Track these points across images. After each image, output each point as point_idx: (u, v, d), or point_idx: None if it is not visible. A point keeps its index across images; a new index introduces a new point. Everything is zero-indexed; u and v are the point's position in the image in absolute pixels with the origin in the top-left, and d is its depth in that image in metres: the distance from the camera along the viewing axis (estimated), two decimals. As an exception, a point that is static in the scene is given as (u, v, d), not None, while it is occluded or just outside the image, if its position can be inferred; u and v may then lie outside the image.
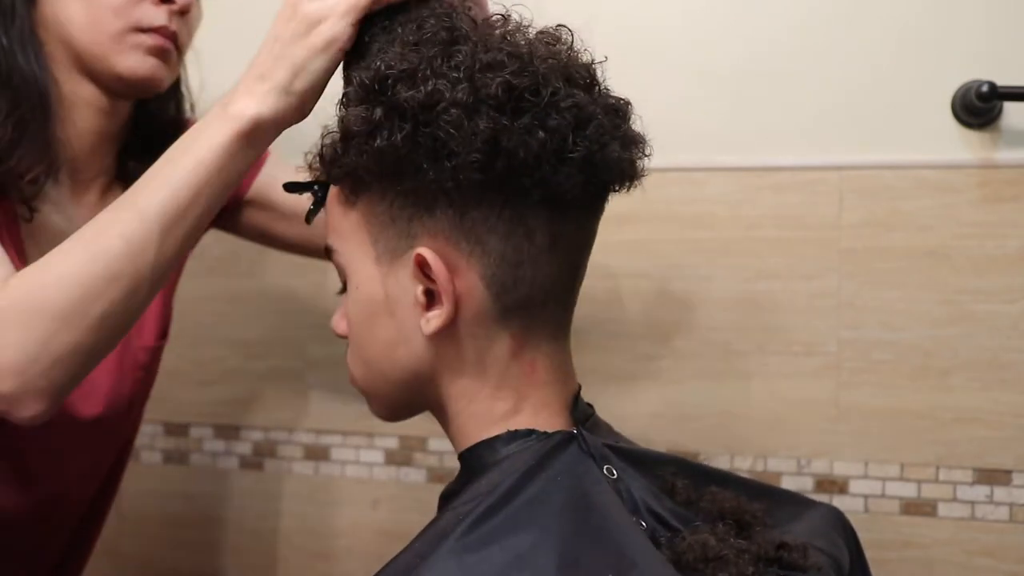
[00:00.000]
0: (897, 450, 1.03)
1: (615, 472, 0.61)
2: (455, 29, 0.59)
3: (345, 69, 0.66)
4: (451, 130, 0.56)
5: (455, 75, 0.57)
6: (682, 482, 0.65)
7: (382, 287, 0.62)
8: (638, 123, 0.64)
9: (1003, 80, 0.96)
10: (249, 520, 1.24)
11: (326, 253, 0.66)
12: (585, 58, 0.63)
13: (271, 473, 1.23)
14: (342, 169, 0.61)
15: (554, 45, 0.61)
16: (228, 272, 1.23)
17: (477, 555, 0.53)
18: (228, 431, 1.24)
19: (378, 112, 0.57)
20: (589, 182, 0.60)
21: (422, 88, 0.56)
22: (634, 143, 0.63)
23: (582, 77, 0.61)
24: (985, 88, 0.96)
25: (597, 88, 0.62)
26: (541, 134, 0.56)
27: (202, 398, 1.24)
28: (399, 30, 0.62)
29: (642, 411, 1.09)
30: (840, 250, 1.04)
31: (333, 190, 0.64)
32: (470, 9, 0.63)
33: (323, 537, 1.21)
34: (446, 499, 0.65)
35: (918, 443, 1.03)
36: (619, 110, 0.62)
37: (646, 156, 0.64)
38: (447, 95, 0.56)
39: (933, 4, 1.01)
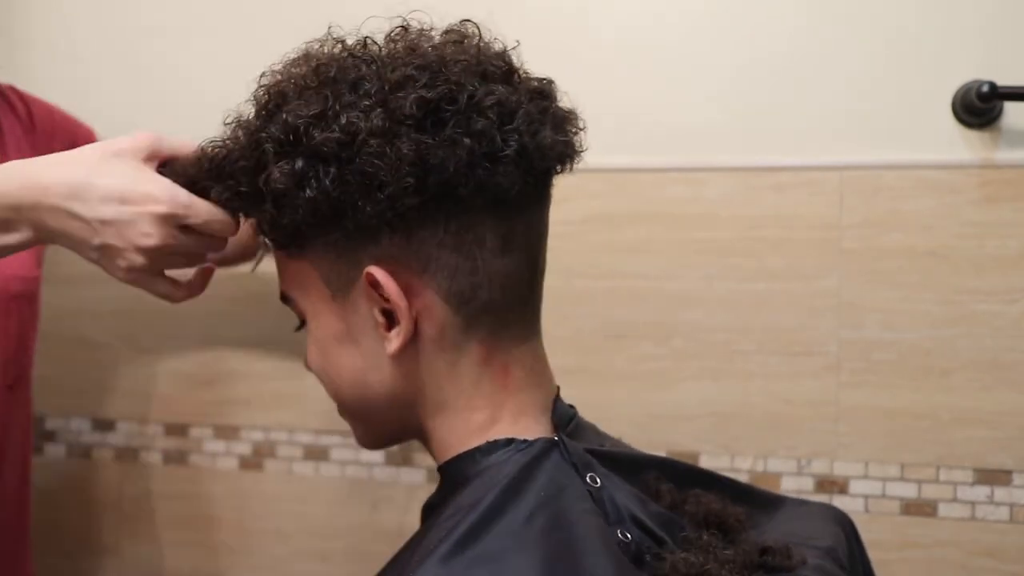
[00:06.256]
0: (897, 450, 1.03)
1: (598, 480, 0.60)
2: (355, 58, 0.58)
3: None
4: (375, 161, 0.54)
5: (366, 103, 0.55)
6: (666, 486, 0.64)
7: (342, 320, 0.61)
8: (565, 99, 0.62)
9: (1003, 80, 0.96)
10: (249, 520, 1.24)
11: (282, 300, 0.65)
12: (497, 47, 0.61)
13: (271, 473, 1.22)
14: (284, 231, 0.59)
15: (461, 43, 0.60)
16: (228, 272, 1.23)
17: None
18: (228, 431, 1.24)
19: (299, 163, 0.55)
20: (528, 173, 0.58)
21: (335, 126, 0.55)
22: (565, 121, 0.61)
23: (498, 68, 0.59)
24: (985, 88, 0.96)
25: (516, 75, 0.60)
26: (467, 141, 0.55)
27: (202, 398, 1.24)
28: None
29: (642, 411, 1.09)
30: (840, 250, 1.04)
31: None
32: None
33: (323, 537, 1.21)
34: (428, 511, 0.64)
35: (918, 443, 1.03)
36: (543, 91, 0.61)
37: (580, 130, 0.62)
38: (363, 125, 0.54)
39: (933, 4, 1.01)
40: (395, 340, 0.59)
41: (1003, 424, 1.01)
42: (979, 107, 0.99)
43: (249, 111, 0.61)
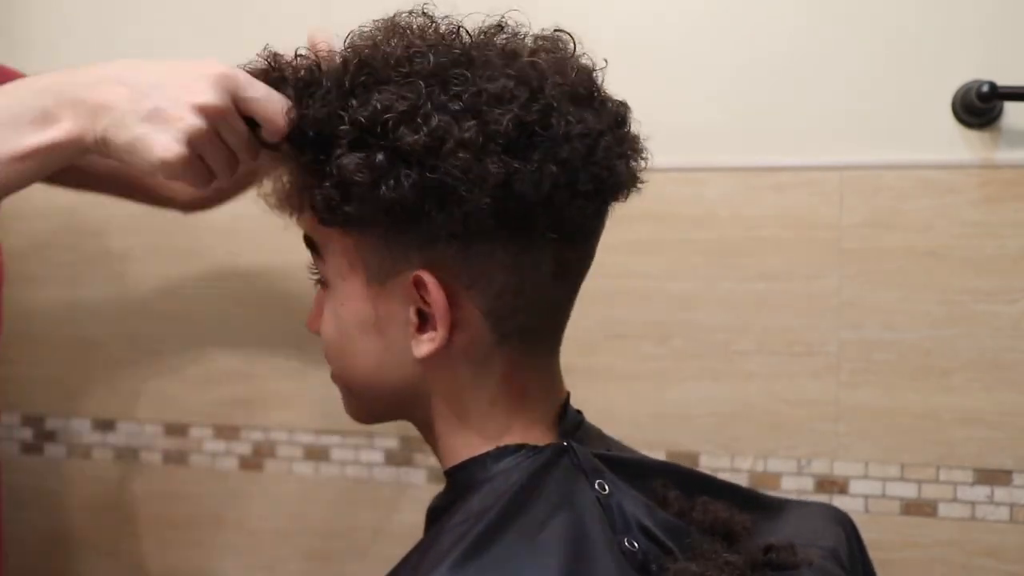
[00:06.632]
0: (897, 450, 1.03)
1: (607, 487, 0.60)
2: (450, 50, 0.55)
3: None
4: (459, 174, 0.52)
5: (457, 107, 0.53)
6: (674, 493, 0.64)
7: (372, 306, 0.59)
8: (635, 124, 0.62)
9: (1003, 80, 0.96)
10: (249, 520, 1.24)
11: (306, 242, 0.62)
12: (585, 63, 0.60)
13: (271, 473, 1.22)
14: (342, 217, 0.55)
15: (555, 54, 0.58)
16: (228, 272, 1.23)
17: None
18: (228, 431, 1.24)
19: (380, 158, 0.52)
20: (599, 208, 0.58)
21: (424, 128, 0.52)
22: (635, 151, 0.61)
23: (585, 90, 0.58)
24: (985, 88, 0.96)
25: (598, 96, 0.59)
26: (552, 168, 0.53)
27: (202, 398, 1.24)
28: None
29: (642, 411, 1.09)
30: (840, 250, 1.04)
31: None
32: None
33: (323, 537, 1.21)
34: (434, 514, 0.64)
35: (918, 443, 1.03)
36: (619, 117, 0.60)
37: (645, 159, 0.62)
38: (454, 133, 0.52)
39: (933, 4, 1.01)
40: (427, 345, 0.57)
41: (1003, 424, 1.01)
42: (979, 107, 0.99)
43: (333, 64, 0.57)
